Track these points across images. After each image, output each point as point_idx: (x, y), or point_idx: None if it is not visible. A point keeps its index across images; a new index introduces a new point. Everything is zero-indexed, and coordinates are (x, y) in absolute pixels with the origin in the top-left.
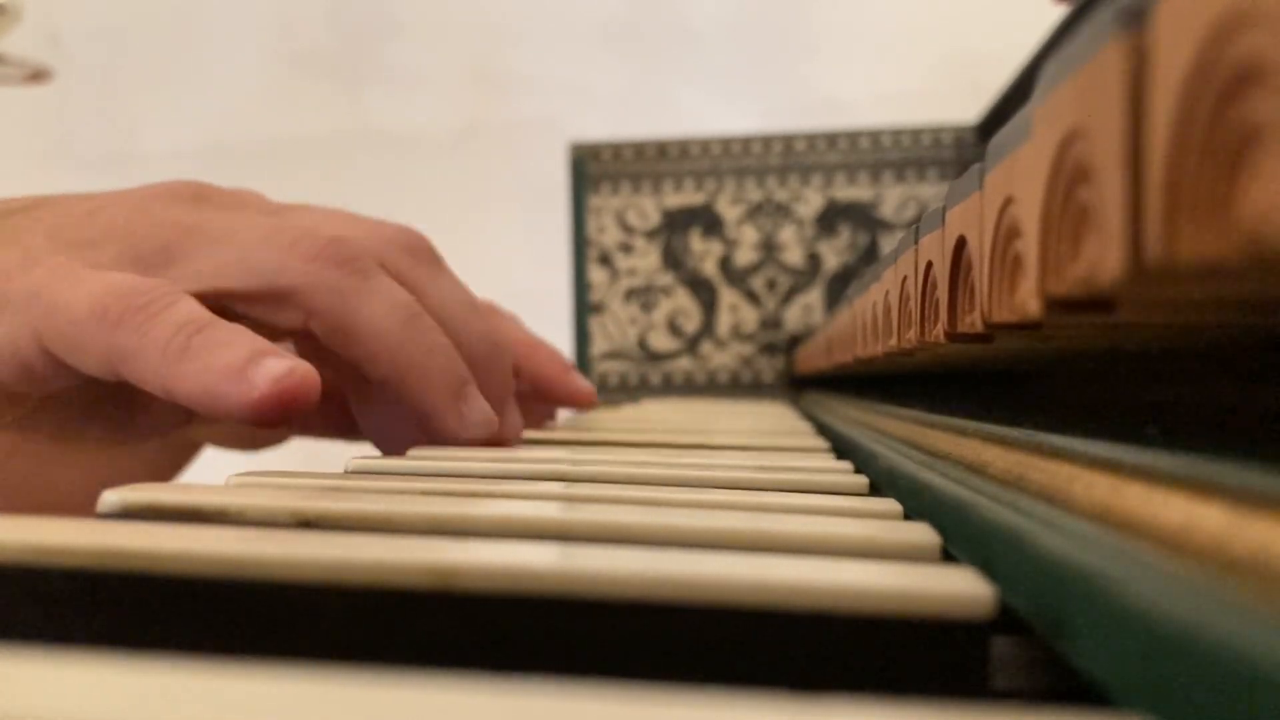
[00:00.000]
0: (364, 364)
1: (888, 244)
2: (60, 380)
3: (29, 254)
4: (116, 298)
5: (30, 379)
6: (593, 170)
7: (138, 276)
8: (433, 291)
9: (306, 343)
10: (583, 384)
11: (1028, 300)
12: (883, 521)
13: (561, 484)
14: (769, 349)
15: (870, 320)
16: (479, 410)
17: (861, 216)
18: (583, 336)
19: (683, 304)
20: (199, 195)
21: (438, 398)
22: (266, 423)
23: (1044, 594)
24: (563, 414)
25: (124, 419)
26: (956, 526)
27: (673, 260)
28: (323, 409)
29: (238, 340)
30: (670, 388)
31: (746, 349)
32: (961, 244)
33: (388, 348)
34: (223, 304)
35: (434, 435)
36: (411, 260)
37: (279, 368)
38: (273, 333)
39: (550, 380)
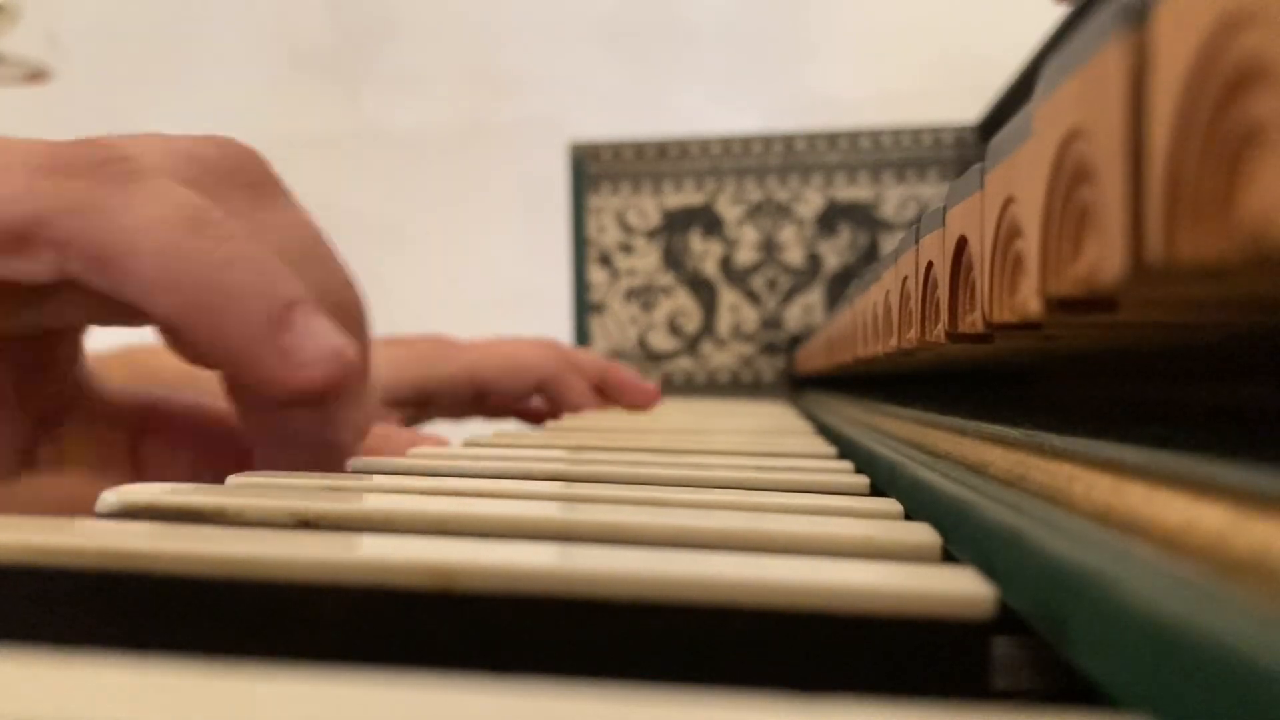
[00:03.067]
0: (143, 303)
1: (888, 244)
2: None
3: None
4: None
5: None
6: (593, 170)
7: None
8: (246, 219)
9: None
10: (650, 385)
11: (1028, 300)
12: (883, 521)
13: (561, 484)
14: (769, 349)
15: (871, 320)
16: (313, 339)
17: (861, 216)
18: (583, 336)
19: (683, 304)
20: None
21: (245, 329)
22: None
23: (1044, 594)
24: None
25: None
26: (957, 526)
27: (673, 260)
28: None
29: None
30: (670, 388)
31: (747, 349)
32: (962, 244)
33: (164, 268)
34: None
35: (255, 387)
36: (214, 180)
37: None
38: (29, 299)
39: (628, 389)
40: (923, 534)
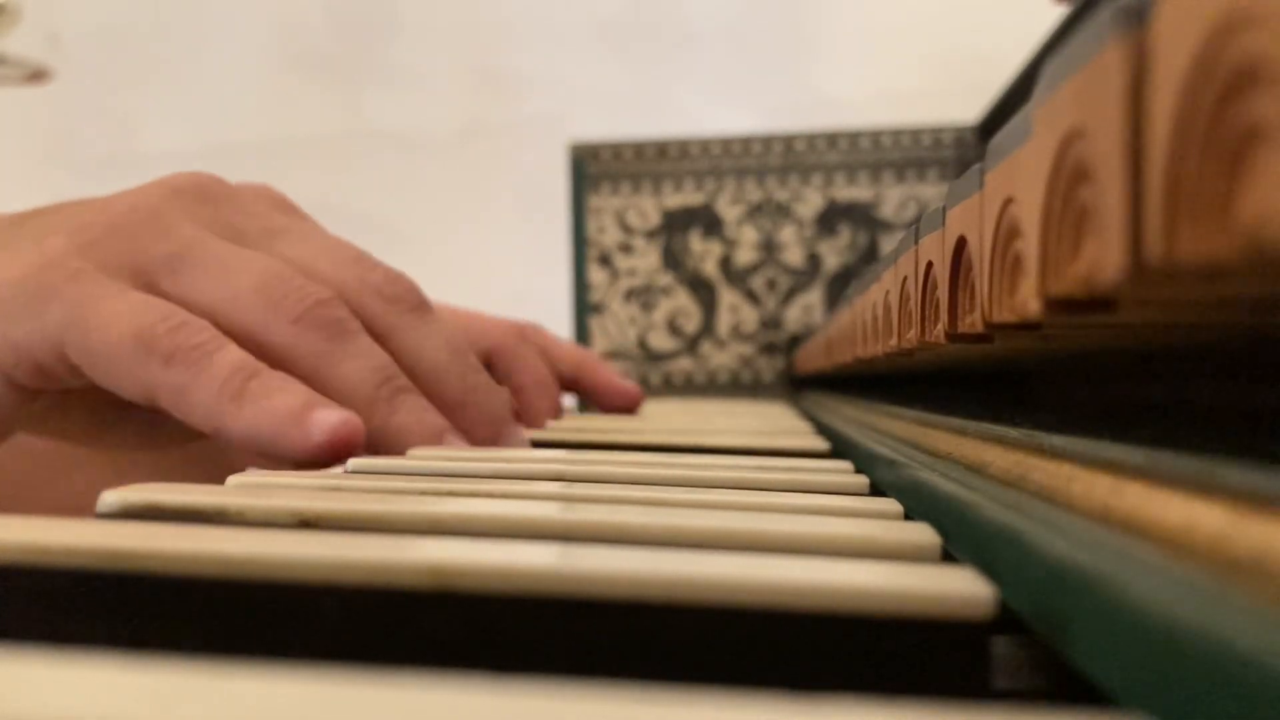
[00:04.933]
0: None
1: (888, 244)
2: (75, 382)
3: (49, 254)
4: (160, 324)
5: (44, 379)
6: (593, 170)
7: (171, 305)
8: (411, 341)
9: None
10: (631, 387)
11: (1028, 300)
12: (883, 521)
13: (561, 484)
14: (769, 349)
15: (870, 320)
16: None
17: (861, 216)
18: (583, 336)
19: (683, 304)
20: (204, 195)
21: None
22: (317, 466)
23: (1044, 594)
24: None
25: (157, 421)
26: (956, 526)
27: (673, 260)
28: None
29: (292, 387)
30: (670, 388)
31: (746, 349)
32: (961, 244)
33: (358, 411)
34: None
35: None
36: (392, 308)
37: (335, 418)
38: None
39: (604, 390)
40: (922, 534)
